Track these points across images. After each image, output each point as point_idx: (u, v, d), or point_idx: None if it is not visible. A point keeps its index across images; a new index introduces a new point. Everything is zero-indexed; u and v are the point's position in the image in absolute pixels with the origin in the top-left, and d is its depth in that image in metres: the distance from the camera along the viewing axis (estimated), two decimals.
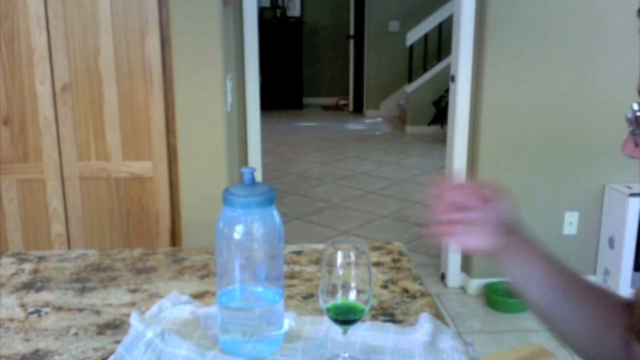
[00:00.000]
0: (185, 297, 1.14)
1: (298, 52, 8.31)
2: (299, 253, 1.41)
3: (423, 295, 1.20)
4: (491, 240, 0.91)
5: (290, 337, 1.02)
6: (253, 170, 0.95)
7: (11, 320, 1.11)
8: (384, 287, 1.24)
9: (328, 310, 0.92)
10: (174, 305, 1.12)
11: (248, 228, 0.93)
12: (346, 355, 0.96)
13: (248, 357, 0.95)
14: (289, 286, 1.24)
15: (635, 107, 0.69)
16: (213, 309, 1.09)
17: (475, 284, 3.28)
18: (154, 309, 1.11)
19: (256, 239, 0.94)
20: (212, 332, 1.03)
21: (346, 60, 8.49)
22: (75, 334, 1.06)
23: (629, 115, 0.70)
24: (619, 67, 3.03)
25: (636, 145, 0.70)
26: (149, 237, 2.40)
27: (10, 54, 2.24)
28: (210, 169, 2.41)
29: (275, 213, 0.95)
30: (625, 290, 3.07)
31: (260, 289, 0.98)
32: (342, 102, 8.66)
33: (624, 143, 0.72)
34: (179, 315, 1.08)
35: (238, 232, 0.93)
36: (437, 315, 1.09)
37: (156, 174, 2.36)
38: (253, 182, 0.95)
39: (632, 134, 0.70)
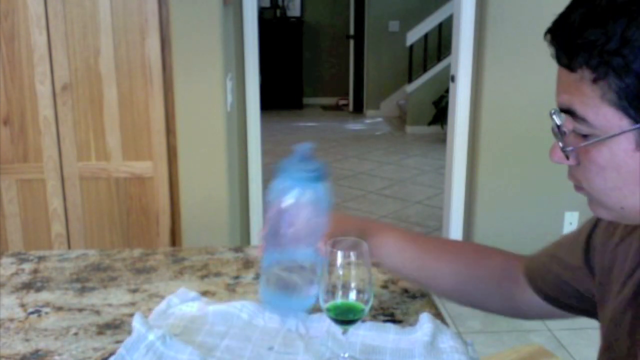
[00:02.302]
0: (193, 294, 1.15)
1: (298, 52, 8.31)
2: None
3: (423, 295, 1.21)
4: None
5: (292, 335, 1.03)
6: (309, 147, 1.02)
7: (11, 320, 1.11)
8: (384, 287, 1.24)
9: (328, 310, 0.92)
10: (182, 301, 1.12)
11: (296, 198, 1.01)
12: (346, 355, 0.96)
13: (284, 310, 1.05)
14: None
15: (556, 120, 0.74)
16: (221, 306, 1.10)
17: None
18: (162, 305, 1.11)
19: (301, 207, 1.02)
20: (220, 328, 1.04)
21: (346, 60, 8.48)
22: (75, 334, 1.06)
23: (553, 127, 0.74)
24: None
25: (563, 151, 0.74)
26: (149, 237, 2.40)
27: (10, 54, 2.24)
28: (210, 169, 2.41)
29: (323, 187, 1.03)
30: None
31: (301, 252, 1.04)
32: (342, 102, 8.66)
33: (551, 150, 0.75)
34: (187, 312, 1.09)
35: (286, 200, 1.01)
36: (437, 315, 1.09)
37: (156, 174, 2.36)
38: (306, 158, 1.02)
39: (558, 141, 0.74)
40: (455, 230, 3.32)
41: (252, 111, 3.15)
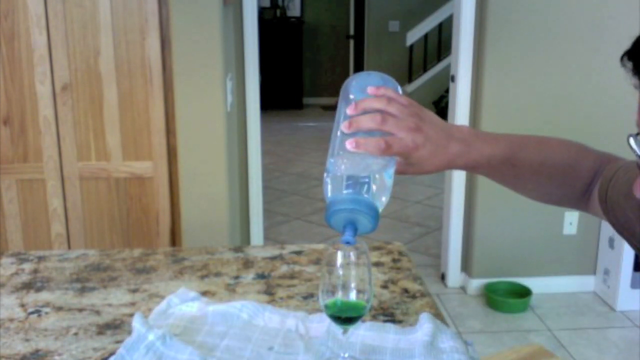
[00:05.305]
0: (193, 294, 1.15)
1: (298, 52, 8.31)
2: (299, 253, 1.41)
3: (423, 295, 1.21)
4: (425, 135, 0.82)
5: (292, 335, 1.03)
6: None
7: (11, 320, 1.11)
8: (384, 287, 1.24)
9: (327, 307, 0.92)
10: (183, 301, 1.12)
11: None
12: (346, 355, 0.96)
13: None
14: (288, 286, 1.24)
15: (637, 150, 0.66)
16: (221, 306, 1.10)
17: (475, 284, 3.28)
18: (162, 305, 1.11)
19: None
20: (220, 328, 1.04)
21: (346, 60, 8.49)
22: (75, 334, 1.06)
23: (637, 159, 0.67)
24: (618, 66, 3.03)
25: None
26: (149, 237, 2.40)
27: (10, 54, 2.24)
28: (210, 169, 2.41)
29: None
30: (625, 290, 3.07)
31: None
32: None
33: (635, 184, 0.68)
34: (187, 312, 1.09)
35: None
36: (437, 315, 1.09)
37: (156, 174, 2.36)
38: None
39: None
40: (455, 230, 3.32)
41: (252, 111, 3.15)
